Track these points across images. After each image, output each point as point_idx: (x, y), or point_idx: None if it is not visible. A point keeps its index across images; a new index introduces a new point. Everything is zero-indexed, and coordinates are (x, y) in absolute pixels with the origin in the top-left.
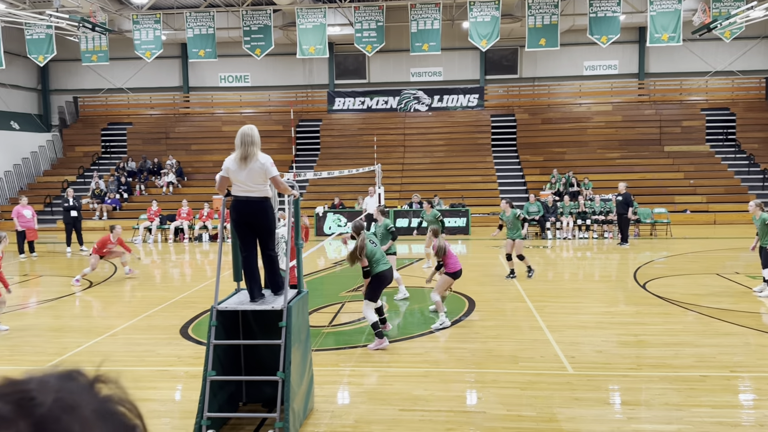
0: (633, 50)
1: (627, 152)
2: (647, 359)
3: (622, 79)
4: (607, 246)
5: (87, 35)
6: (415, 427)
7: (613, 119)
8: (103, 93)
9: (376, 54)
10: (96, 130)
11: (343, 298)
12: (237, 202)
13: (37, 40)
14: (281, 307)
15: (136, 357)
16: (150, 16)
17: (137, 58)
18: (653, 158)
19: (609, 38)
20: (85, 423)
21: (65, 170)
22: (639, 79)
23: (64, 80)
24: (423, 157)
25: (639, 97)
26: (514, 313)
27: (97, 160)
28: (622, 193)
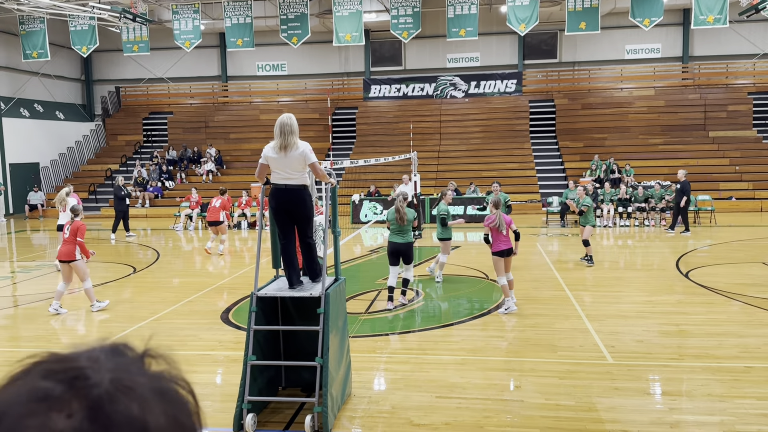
0: (677, 33)
1: (670, 138)
2: (689, 349)
3: (665, 63)
4: (648, 234)
5: (128, 26)
6: (452, 413)
7: (655, 104)
8: (144, 83)
9: (412, 40)
10: (138, 119)
11: (380, 286)
12: (276, 190)
13: (80, 32)
14: (319, 294)
15: (178, 341)
16: (189, 6)
17: (177, 48)
18: (697, 144)
19: (652, 21)
20: (145, 403)
21: (108, 159)
22: (683, 63)
23: (106, 71)
24: (459, 144)
25: (683, 81)
26: (553, 301)
27: (139, 149)
28: (680, 181)
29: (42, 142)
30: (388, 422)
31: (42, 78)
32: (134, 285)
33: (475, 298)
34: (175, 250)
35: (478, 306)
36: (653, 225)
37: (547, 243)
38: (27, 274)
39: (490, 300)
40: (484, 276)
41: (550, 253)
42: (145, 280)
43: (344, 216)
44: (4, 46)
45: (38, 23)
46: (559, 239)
